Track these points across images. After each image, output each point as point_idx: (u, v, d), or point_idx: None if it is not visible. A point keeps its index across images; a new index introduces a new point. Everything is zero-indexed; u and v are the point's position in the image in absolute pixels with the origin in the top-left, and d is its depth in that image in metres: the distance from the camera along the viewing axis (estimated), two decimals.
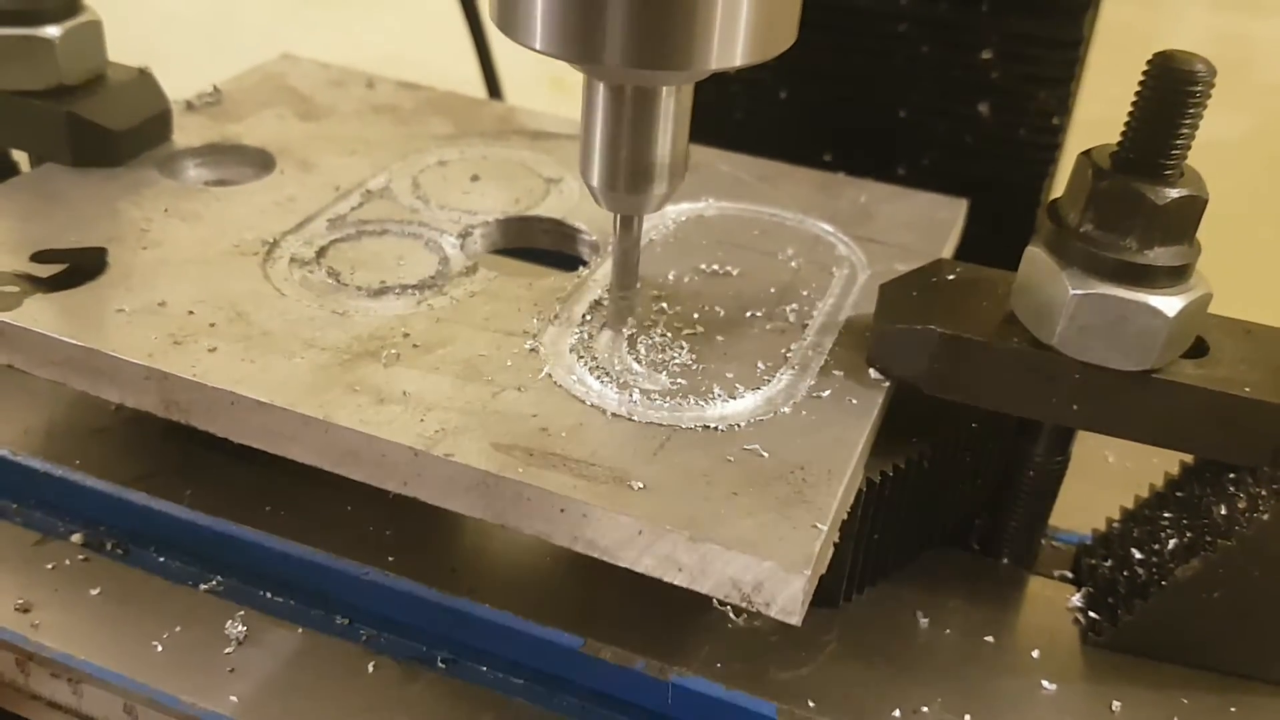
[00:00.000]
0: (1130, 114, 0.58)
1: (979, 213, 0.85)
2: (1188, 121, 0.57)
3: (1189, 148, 0.58)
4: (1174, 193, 0.57)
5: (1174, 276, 0.58)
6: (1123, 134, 0.58)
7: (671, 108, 0.59)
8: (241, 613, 0.63)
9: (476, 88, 1.22)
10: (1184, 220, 0.58)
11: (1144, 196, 0.57)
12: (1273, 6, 1.63)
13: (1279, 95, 1.64)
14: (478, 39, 1.18)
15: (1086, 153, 0.60)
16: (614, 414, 0.60)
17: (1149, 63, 0.57)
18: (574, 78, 0.59)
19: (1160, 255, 0.57)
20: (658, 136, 0.59)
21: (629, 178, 0.60)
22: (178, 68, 0.98)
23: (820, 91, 0.91)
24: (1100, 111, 0.58)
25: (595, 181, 0.61)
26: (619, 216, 0.64)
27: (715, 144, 0.88)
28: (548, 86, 1.21)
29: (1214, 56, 0.55)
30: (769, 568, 0.52)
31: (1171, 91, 0.56)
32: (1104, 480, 0.77)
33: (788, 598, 0.52)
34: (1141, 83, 0.57)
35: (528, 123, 0.91)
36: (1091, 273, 0.58)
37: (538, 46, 0.54)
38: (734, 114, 0.94)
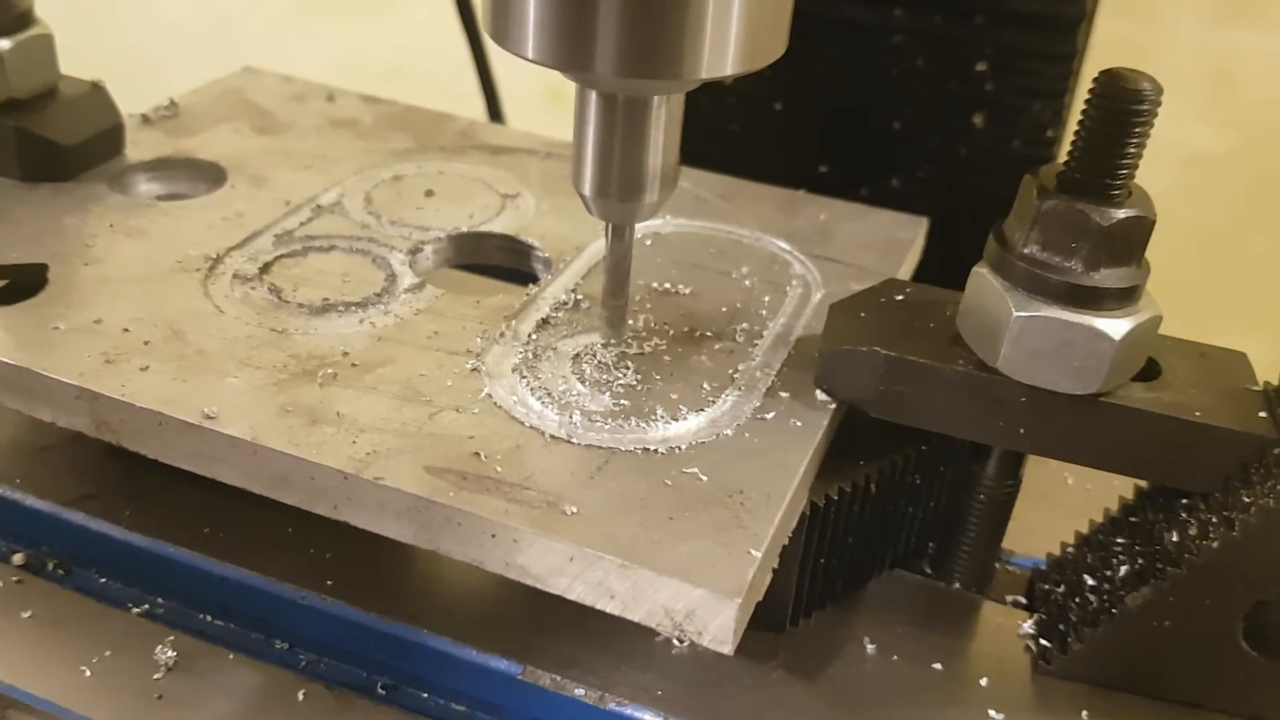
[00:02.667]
0: (1076, 133, 0.57)
1: (972, 225, 0.83)
2: (1134, 141, 0.56)
3: (1136, 167, 0.57)
4: (1120, 213, 0.56)
5: (1121, 298, 0.57)
6: (1069, 154, 0.57)
7: (663, 117, 0.58)
8: (171, 638, 0.62)
9: (476, 100, 1.22)
10: (1131, 241, 0.56)
11: (1089, 217, 0.56)
12: (1263, 23, 1.62)
13: (1269, 110, 1.63)
14: (476, 51, 1.18)
15: (1033, 173, 0.59)
16: (553, 436, 0.59)
17: (1095, 81, 0.56)
18: (572, 89, 0.59)
19: (1107, 277, 0.56)
20: (649, 146, 0.59)
21: (621, 186, 0.60)
22: (179, 78, 0.97)
23: (815, 104, 0.90)
24: None
25: (587, 190, 0.61)
26: (610, 225, 0.63)
27: (711, 155, 0.87)
28: (546, 98, 1.21)
29: (1205, 71, 0.54)
30: (701, 595, 0.51)
31: (1118, 111, 0.55)
32: (1063, 503, 0.76)
33: (719, 626, 0.51)
34: (1087, 101, 0.56)
35: (488, 138, 0.90)
36: (1037, 294, 0.57)
37: (530, 56, 0.54)
38: (729, 126, 0.93)
